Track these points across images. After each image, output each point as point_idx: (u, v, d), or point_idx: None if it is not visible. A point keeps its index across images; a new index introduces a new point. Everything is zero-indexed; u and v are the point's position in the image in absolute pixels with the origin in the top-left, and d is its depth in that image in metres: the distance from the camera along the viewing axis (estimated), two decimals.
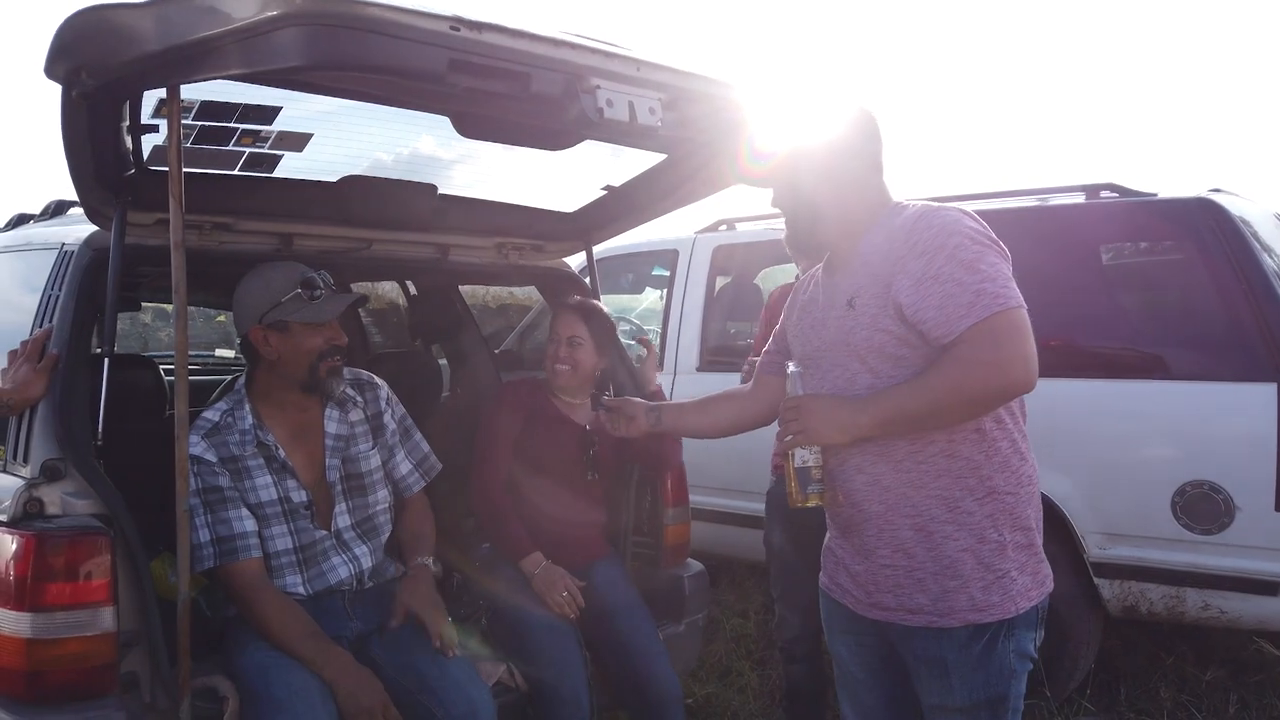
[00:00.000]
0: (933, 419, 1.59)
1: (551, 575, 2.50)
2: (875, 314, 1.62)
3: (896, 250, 1.60)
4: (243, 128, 2.16)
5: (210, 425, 2.20)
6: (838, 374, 1.70)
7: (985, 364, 1.51)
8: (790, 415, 1.65)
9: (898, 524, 1.65)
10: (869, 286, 1.63)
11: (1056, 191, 3.73)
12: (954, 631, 1.63)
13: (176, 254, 1.88)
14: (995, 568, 1.62)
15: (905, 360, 1.60)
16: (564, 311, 2.71)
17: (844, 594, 1.80)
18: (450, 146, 2.61)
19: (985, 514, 1.63)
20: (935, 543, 1.63)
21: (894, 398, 1.59)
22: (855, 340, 1.65)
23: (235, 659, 2.11)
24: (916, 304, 1.55)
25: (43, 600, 1.84)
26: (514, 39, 1.66)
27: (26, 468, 1.98)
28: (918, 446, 1.62)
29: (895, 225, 1.65)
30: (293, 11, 1.48)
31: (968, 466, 1.62)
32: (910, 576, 1.65)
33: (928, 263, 1.55)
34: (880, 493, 1.66)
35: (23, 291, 2.36)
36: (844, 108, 1.75)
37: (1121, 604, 3.27)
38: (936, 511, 1.63)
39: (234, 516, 2.13)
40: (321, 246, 2.51)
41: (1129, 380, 3.34)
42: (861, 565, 1.73)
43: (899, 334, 1.59)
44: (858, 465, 1.68)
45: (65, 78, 1.75)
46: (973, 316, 1.50)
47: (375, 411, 2.39)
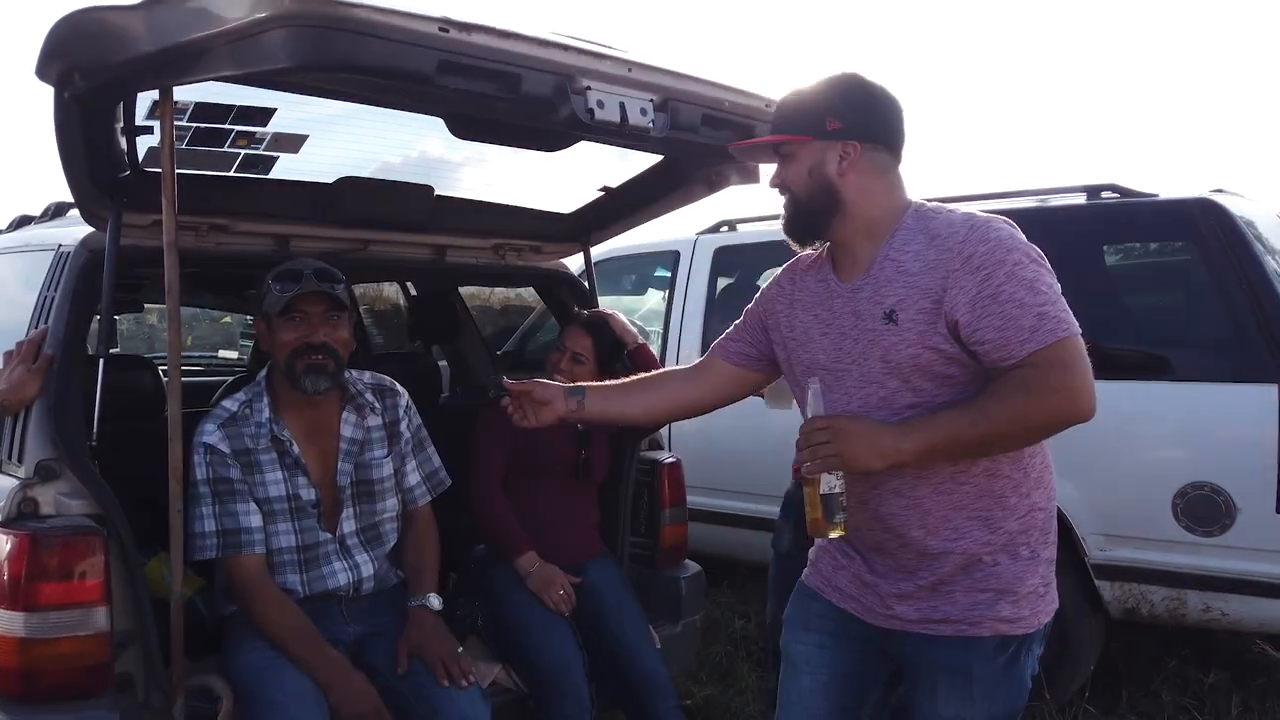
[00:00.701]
0: (986, 447, 1.51)
1: (547, 573, 2.50)
2: (924, 330, 1.50)
3: (945, 262, 1.49)
4: (237, 129, 2.17)
5: (228, 415, 2.18)
6: (871, 390, 1.57)
7: (1054, 391, 1.43)
8: (822, 437, 1.49)
9: (938, 549, 1.58)
10: (914, 299, 1.51)
11: (1057, 192, 3.71)
12: (983, 641, 1.59)
13: (169, 254, 1.89)
14: (1027, 582, 1.59)
15: (952, 380, 1.52)
16: (574, 324, 2.70)
17: (844, 599, 1.73)
18: (447, 148, 2.61)
19: (1020, 531, 1.59)
20: (971, 560, 1.57)
21: (946, 424, 1.47)
22: (898, 357, 1.53)
23: (231, 659, 2.11)
24: (974, 324, 1.46)
25: (36, 600, 1.84)
26: (503, 40, 1.66)
27: (21, 468, 1.99)
28: (961, 468, 1.54)
29: (935, 231, 1.54)
30: (281, 13, 1.49)
31: (1008, 485, 1.57)
32: (938, 591, 1.60)
33: (985, 279, 1.46)
34: (920, 516, 1.57)
35: (20, 292, 2.37)
36: (882, 91, 1.62)
37: (1122, 606, 3.25)
38: (978, 533, 1.57)
39: (241, 510, 2.12)
40: (318, 248, 2.51)
41: (1130, 381, 3.32)
42: (887, 582, 1.65)
43: (949, 353, 1.50)
44: (895, 488, 1.57)
45: (58, 80, 1.76)
46: (1036, 341, 1.43)
47: (393, 419, 2.35)
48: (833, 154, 1.59)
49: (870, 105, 1.62)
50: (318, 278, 2.12)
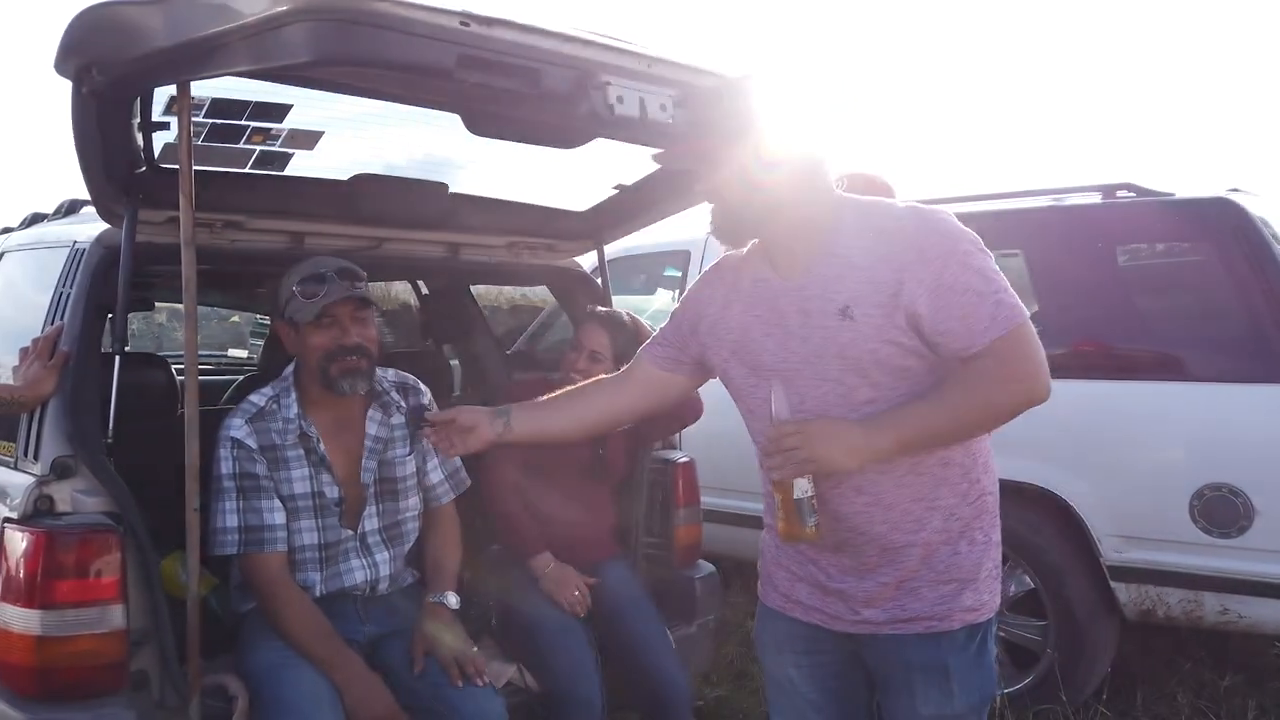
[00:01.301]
0: (957, 435, 1.55)
1: (562, 574, 2.49)
2: (880, 324, 1.51)
3: (897, 255, 1.50)
4: (254, 125, 2.16)
5: (255, 410, 2.17)
6: (828, 389, 1.56)
7: (1016, 378, 1.48)
8: (794, 443, 1.48)
9: (901, 541, 1.59)
10: (868, 294, 1.52)
11: (1072, 191, 3.69)
12: (954, 634, 1.60)
13: (186, 251, 1.88)
14: (983, 567, 1.62)
15: (910, 372, 1.53)
16: (590, 322, 2.66)
17: (808, 612, 1.71)
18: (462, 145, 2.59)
19: (975, 516, 1.62)
20: (932, 550, 1.59)
21: (918, 416, 1.50)
22: (856, 352, 1.53)
23: (246, 658, 2.10)
24: (935, 314, 1.48)
25: (53, 598, 1.84)
26: (524, 34, 1.65)
27: (37, 465, 1.98)
28: (917, 459, 1.56)
29: (881, 226, 1.54)
30: (301, 7, 1.48)
31: (959, 472, 1.60)
32: (904, 587, 1.60)
33: (940, 270, 1.48)
34: (883, 511, 1.58)
35: (35, 289, 2.36)
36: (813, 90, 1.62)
37: (1138, 608, 3.23)
38: (935, 521, 1.59)
39: (266, 507, 2.11)
40: (333, 245, 2.50)
41: (1146, 381, 3.30)
42: (848, 583, 1.64)
43: (908, 345, 1.51)
44: (857, 486, 1.58)
45: (75, 74, 1.76)
46: (997, 329, 1.46)
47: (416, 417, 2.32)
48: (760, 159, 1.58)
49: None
50: (342, 278, 2.11)
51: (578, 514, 2.66)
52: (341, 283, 2.11)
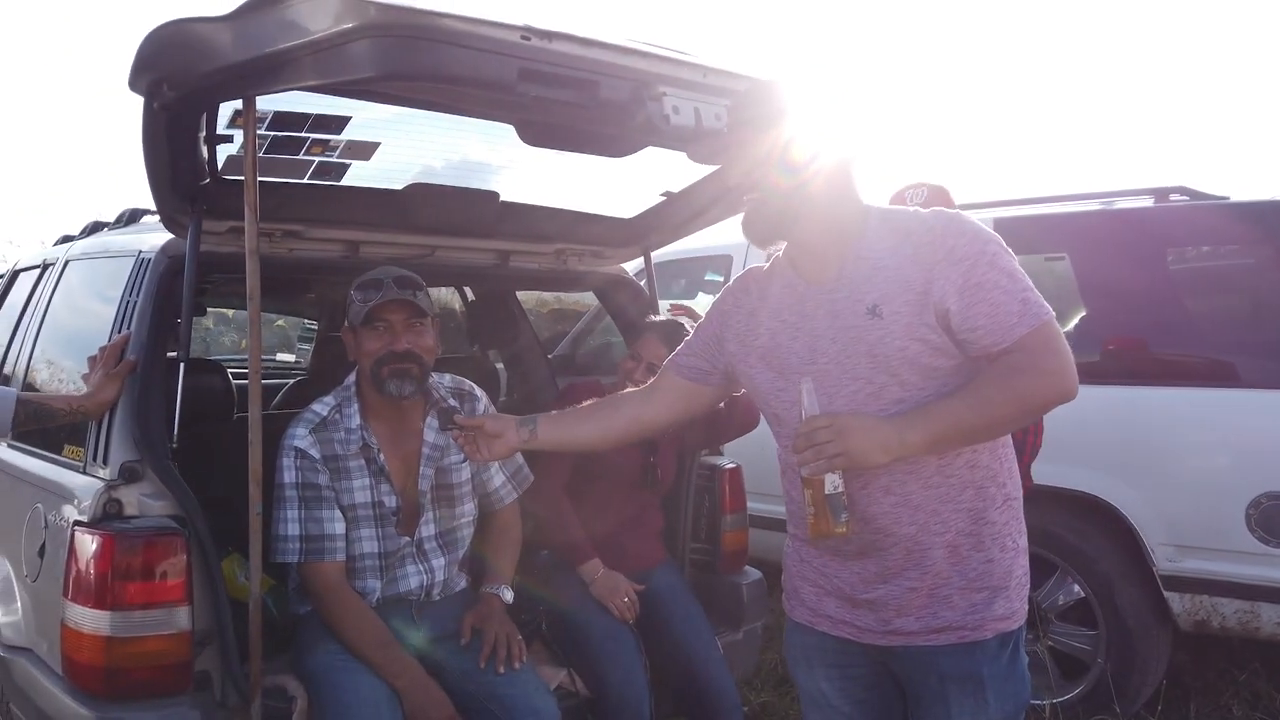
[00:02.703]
0: (988, 432, 1.55)
1: (612, 581, 2.51)
2: (910, 322, 1.52)
3: (926, 255, 1.53)
4: (313, 137, 2.21)
5: (318, 420, 2.20)
6: (857, 388, 1.57)
7: (1048, 373, 1.49)
8: (826, 436, 1.48)
9: (928, 544, 1.58)
10: (898, 293, 1.54)
11: (1124, 195, 3.65)
12: (986, 643, 1.59)
13: (251, 260, 1.92)
14: (1013, 574, 1.62)
15: (938, 371, 1.54)
16: (648, 334, 2.66)
17: (836, 625, 1.69)
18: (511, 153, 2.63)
19: (1004, 522, 1.61)
20: (962, 556, 1.58)
21: (949, 412, 1.50)
22: (885, 350, 1.54)
23: (304, 659, 2.14)
24: (964, 311, 1.50)
25: (121, 599, 1.88)
26: (583, 47, 1.67)
27: (106, 469, 2.03)
28: (945, 460, 1.56)
29: (907, 228, 1.57)
30: (368, 23, 1.51)
31: (987, 475, 1.60)
32: (935, 595, 1.59)
33: (969, 270, 1.50)
34: (911, 512, 1.57)
35: (101, 298, 2.43)
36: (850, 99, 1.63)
37: (1192, 618, 3.18)
38: (964, 525, 1.58)
39: (326, 517, 2.14)
40: (387, 254, 2.55)
41: (1201, 388, 3.25)
42: (876, 591, 1.62)
43: (936, 343, 1.52)
44: (885, 486, 1.57)
45: (147, 90, 1.80)
46: (1024, 325, 1.48)
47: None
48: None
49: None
50: (398, 286, 2.15)
51: (627, 521, 2.67)
52: (397, 289, 2.15)
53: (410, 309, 2.17)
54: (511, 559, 2.41)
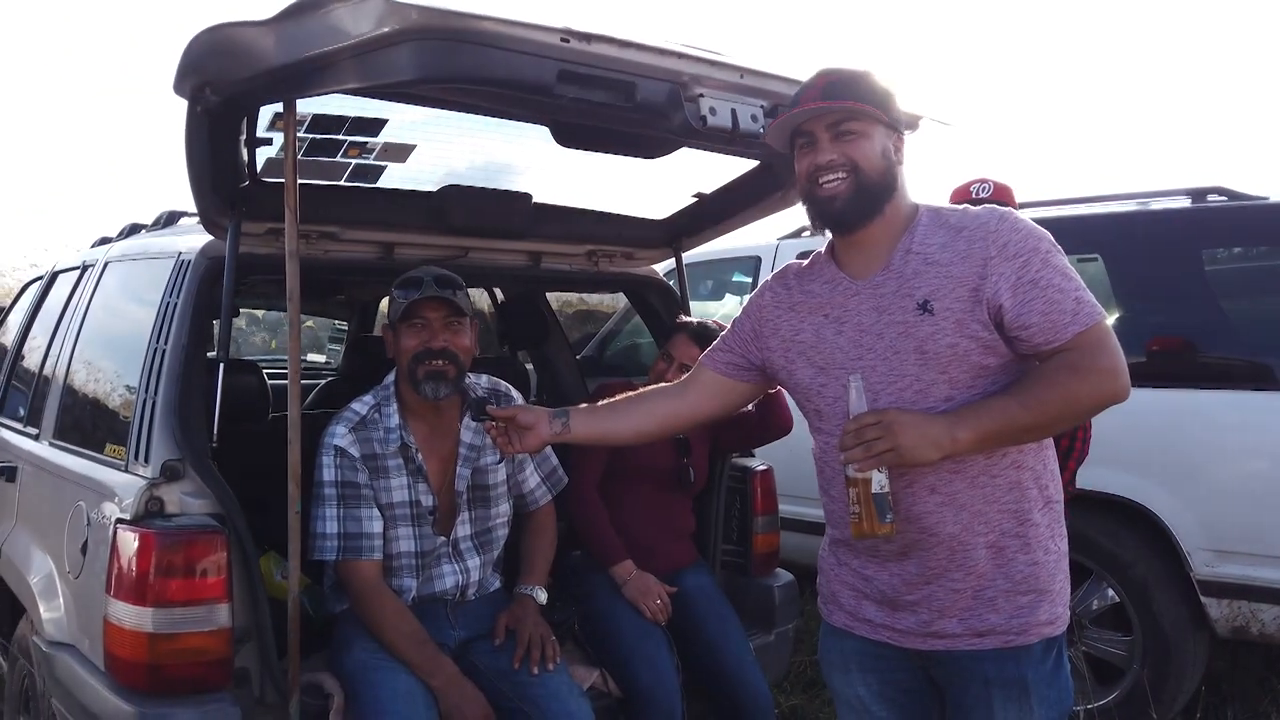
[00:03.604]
0: (1038, 431, 1.54)
1: (644, 582, 2.51)
2: (962, 318, 1.51)
3: (979, 251, 1.52)
4: (350, 140, 2.23)
5: (358, 419, 2.22)
6: (905, 384, 1.55)
7: (1100, 373, 1.48)
8: (875, 433, 1.46)
9: (971, 543, 1.56)
10: (949, 289, 1.52)
11: (1161, 195, 3.61)
12: (1031, 648, 1.57)
13: (291, 262, 1.94)
14: (1057, 579, 1.60)
15: (987, 371, 1.53)
16: (680, 334, 2.66)
17: (875, 630, 1.67)
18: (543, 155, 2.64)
19: (1047, 524, 1.60)
20: (1006, 558, 1.57)
21: (1000, 410, 1.48)
22: (935, 347, 1.53)
23: (340, 657, 2.16)
24: (1018, 308, 1.49)
25: (164, 596, 1.91)
26: (621, 49, 1.68)
27: (147, 468, 2.06)
28: (993, 460, 1.55)
29: (958, 224, 1.56)
30: (409, 27, 1.52)
31: (1031, 477, 1.58)
32: (979, 598, 1.57)
33: (1023, 266, 1.49)
34: (955, 512, 1.56)
35: (141, 298, 2.46)
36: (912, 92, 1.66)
37: (1230, 624, 3.14)
38: (1007, 526, 1.57)
39: (365, 515, 2.16)
40: (421, 255, 2.56)
41: (1238, 390, 3.20)
42: (918, 593, 1.60)
43: (987, 340, 1.51)
44: (931, 484, 1.55)
45: (191, 93, 1.83)
46: (1078, 324, 1.48)
47: None
48: (891, 142, 1.59)
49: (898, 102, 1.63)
50: (437, 284, 2.16)
51: (660, 521, 2.67)
52: (436, 288, 2.16)
53: (449, 308, 2.19)
54: (546, 560, 2.42)
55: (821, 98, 1.56)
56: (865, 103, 1.55)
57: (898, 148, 1.60)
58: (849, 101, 1.55)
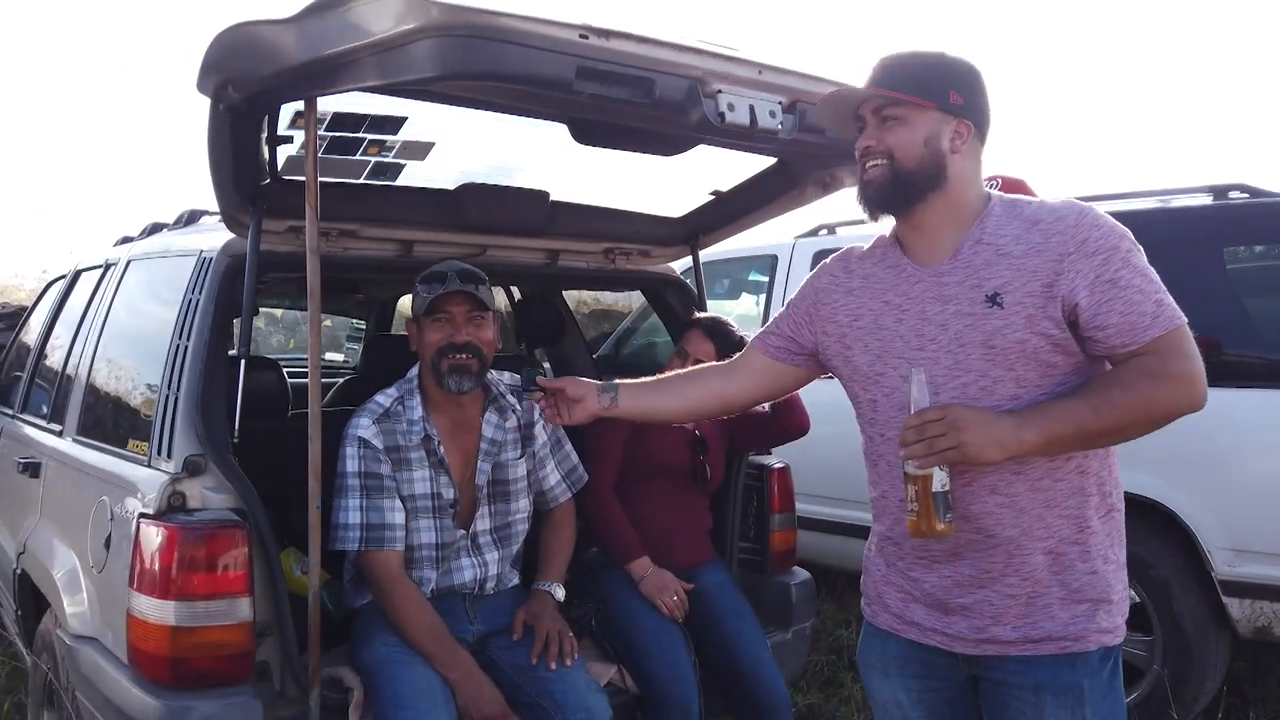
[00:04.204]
0: (1109, 437, 1.47)
1: (661, 579, 2.51)
2: (1032, 314, 1.46)
3: (1056, 245, 1.46)
4: (370, 138, 2.24)
5: (381, 410, 2.24)
6: (968, 381, 1.49)
7: (1178, 379, 1.42)
8: (938, 429, 1.41)
9: (1030, 548, 1.51)
10: (1021, 282, 1.46)
11: (1182, 193, 3.58)
12: (1089, 655, 1.52)
13: (312, 259, 1.96)
14: (1115, 590, 1.55)
15: (1055, 369, 1.47)
16: (695, 330, 2.67)
17: (925, 634, 1.62)
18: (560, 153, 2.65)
19: (1107, 533, 1.55)
20: (1064, 565, 1.52)
21: (1070, 412, 1.42)
22: (1004, 342, 1.47)
23: (360, 651, 2.17)
24: (1095, 308, 1.43)
25: (186, 590, 1.92)
26: (640, 45, 1.68)
27: (170, 463, 2.08)
28: (1056, 464, 1.50)
29: (1035, 216, 1.50)
30: (429, 24, 1.53)
31: (1094, 483, 1.54)
32: (1035, 604, 1.52)
33: (1102, 264, 1.43)
34: (1015, 515, 1.51)
35: (163, 296, 2.48)
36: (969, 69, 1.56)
37: (1252, 625, 3.11)
38: (1067, 532, 1.52)
39: (388, 506, 2.17)
40: (440, 253, 2.58)
41: (1261, 389, 3.17)
42: (972, 596, 1.55)
43: (1058, 338, 1.46)
44: (991, 485, 1.50)
45: (214, 91, 1.85)
46: (1158, 328, 1.42)
47: (528, 420, 2.39)
48: (948, 129, 1.53)
49: (983, 90, 1.57)
50: (461, 279, 2.18)
51: (676, 519, 2.68)
52: (460, 282, 2.18)
53: (472, 302, 2.20)
54: (564, 558, 2.43)
55: (871, 82, 1.54)
56: (908, 90, 1.51)
57: (959, 134, 1.53)
58: (884, 89, 1.52)
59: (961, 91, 1.53)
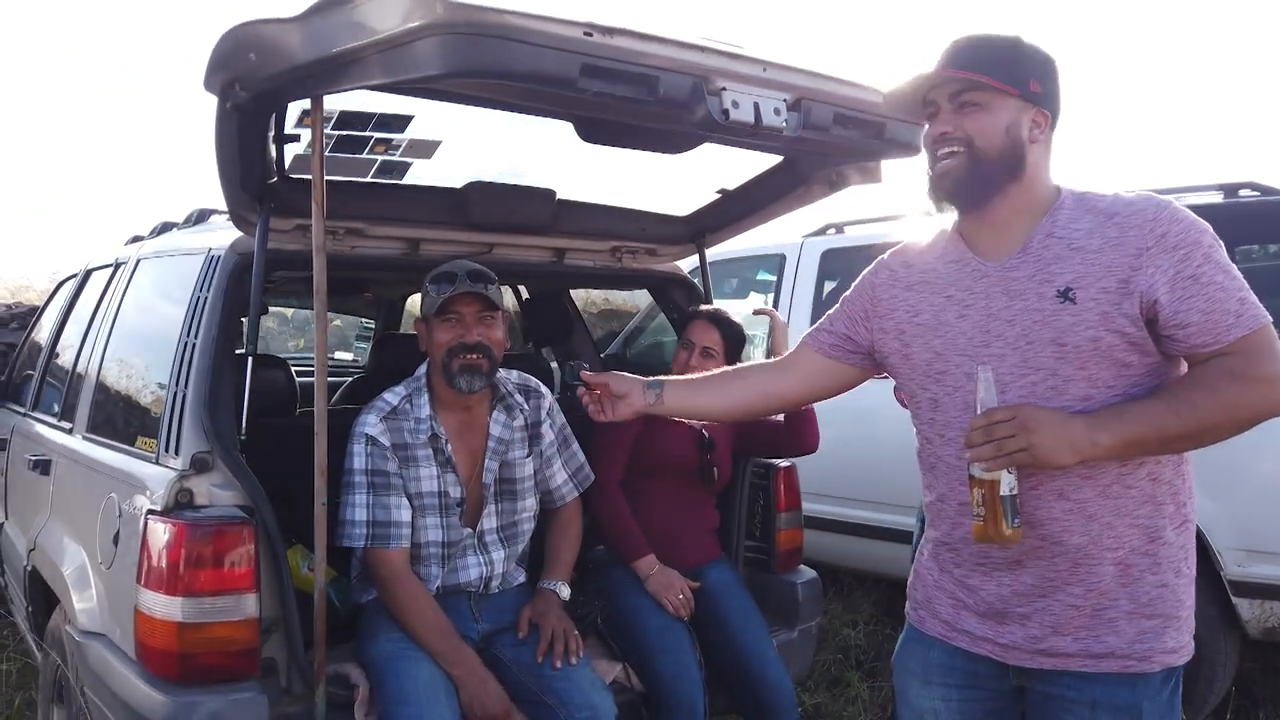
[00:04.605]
0: (1187, 441, 1.40)
1: (666, 577, 2.51)
2: (1107, 310, 1.39)
3: (1134, 239, 1.39)
4: (376, 136, 2.25)
5: (389, 408, 2.24)
6: (1038, 379, 1.43)
7: (1265, 381, 1.35)
8: (1008, 430, 1.35)
9: (1098, 557, 1.45)
10: (1095, 277, 1.40)
11: (1191, 191, 3.56)
12: (1151, 676, 1.46)
13: (318, 257, 1.96)
14: (1185, 605, 1.49)
15: (1130, 371, 1.41)
16: (699, 319, 2.69)
17: (975, 643, 1.56)
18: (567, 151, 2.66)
19: (1179, 545, 1.49)
20: (1134, 577, 1.45)
21: (1147, 414, 1.36)
22: (1076, 339, 1.41)
23: (366, 647, 2.18)
24: (1175, 304, 1.36)
25: (193, 586, 1.93)
26: (644, 43, 1.68)
27: (178, 459, 2.09)
28: (1128, 469, 1.43)
29: (1110, 209, 1.44)
30: (434, 21, 1.53)
31: (1168, 492, 1.47)
32: (1100, 617, 1.46)
33: (1184, 259, 1.37)
34: (1084, 522, 1.44)
35: (173, 295, 2.49)
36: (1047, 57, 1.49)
37: (1262, 625, 3.09)
38: (1137, 542, 1.45)
39: (394, 504, 2.18)
40: (446, 251, 2.58)
41: None
42: (1033, 605, 1.49)
43: (1134, 337, 1.39)
44: (1059, 489, 1.44)
45: (221, 90, 1.85)
46: (1242, 327, 1.35)
47: (535, 420, 2.40)
48: (1027, 118, 1.46)
49: (1059, 80, 1.51)
50: (471, 279, 2.19)
51: (683, 517, 2.68)
52: (470, 282, 2.18)
53: (482, 302, 2.21)
54: (570, 556, 2.43)
55: (946, 65, 1.46)
56: (991, 73, 1.43)
57: (1037, 124, 1.47)
58: (964, 71, 1.45)
59: (1040, 80, 1.47)
